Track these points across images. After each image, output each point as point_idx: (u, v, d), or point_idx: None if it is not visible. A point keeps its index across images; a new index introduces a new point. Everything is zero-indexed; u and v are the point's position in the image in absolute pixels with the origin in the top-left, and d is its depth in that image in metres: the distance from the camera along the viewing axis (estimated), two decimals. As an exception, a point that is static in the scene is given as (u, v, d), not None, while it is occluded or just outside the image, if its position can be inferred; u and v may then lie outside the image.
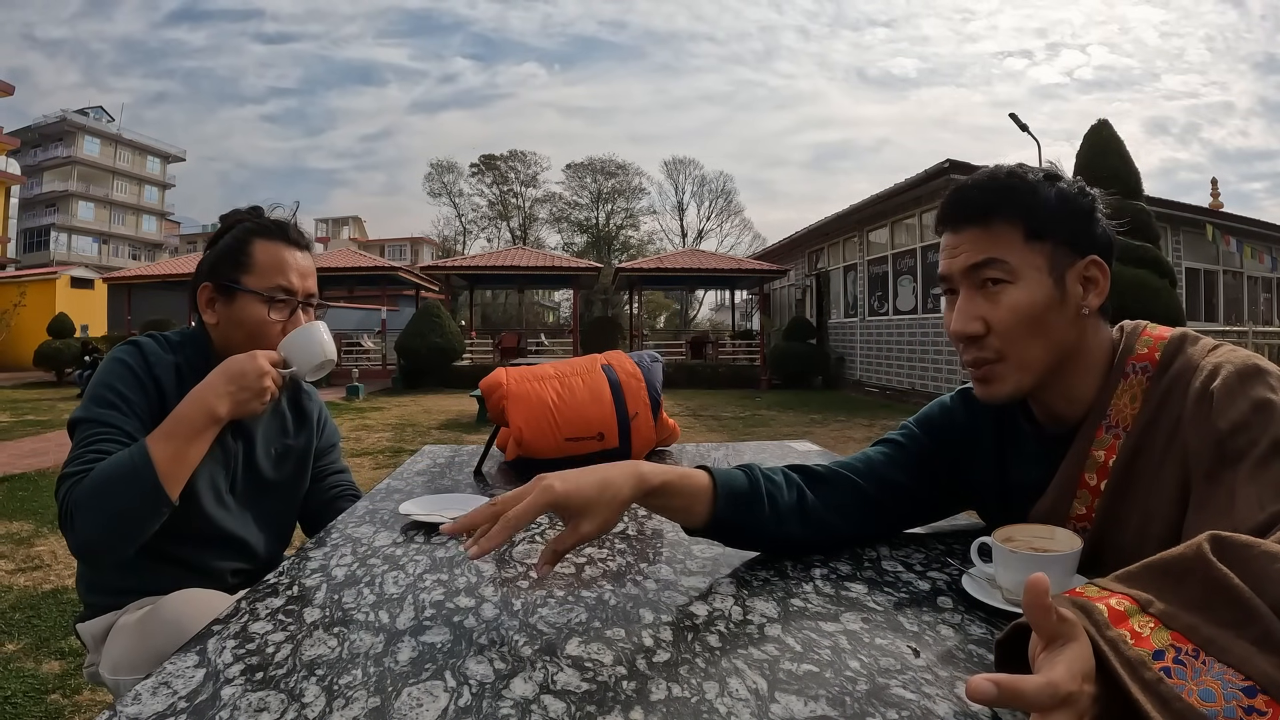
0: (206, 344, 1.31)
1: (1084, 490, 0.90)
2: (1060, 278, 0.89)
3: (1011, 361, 0.90)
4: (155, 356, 1.24)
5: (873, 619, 0.79)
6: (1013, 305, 0.88)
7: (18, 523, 4.29)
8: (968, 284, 0.91)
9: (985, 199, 0.90)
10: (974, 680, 0.45)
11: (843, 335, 16.32)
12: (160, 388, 1.23)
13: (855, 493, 1.03)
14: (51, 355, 16.37)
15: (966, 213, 0.92)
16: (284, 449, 1.42)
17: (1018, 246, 0.88)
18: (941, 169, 11.46)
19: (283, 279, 1.30)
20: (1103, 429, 0.90)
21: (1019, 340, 0.89)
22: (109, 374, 1.21)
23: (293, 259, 1.32)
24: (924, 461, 1.06)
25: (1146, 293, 7.74)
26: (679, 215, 46.49)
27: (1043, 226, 0.88)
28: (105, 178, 46.09)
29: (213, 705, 0.61)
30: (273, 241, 1.31)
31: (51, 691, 2.28)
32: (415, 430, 8.78)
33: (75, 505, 1.08)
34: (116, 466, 1.10)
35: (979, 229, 0.90)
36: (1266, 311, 15.48)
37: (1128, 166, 8.78)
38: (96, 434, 1.15)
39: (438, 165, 46.66)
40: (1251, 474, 0.72)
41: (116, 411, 1.18)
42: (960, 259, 0.92)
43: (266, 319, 1.28)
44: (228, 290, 1.29)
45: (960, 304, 0.92)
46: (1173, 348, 0.89)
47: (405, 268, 21.45)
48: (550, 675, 0.66)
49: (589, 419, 1.50)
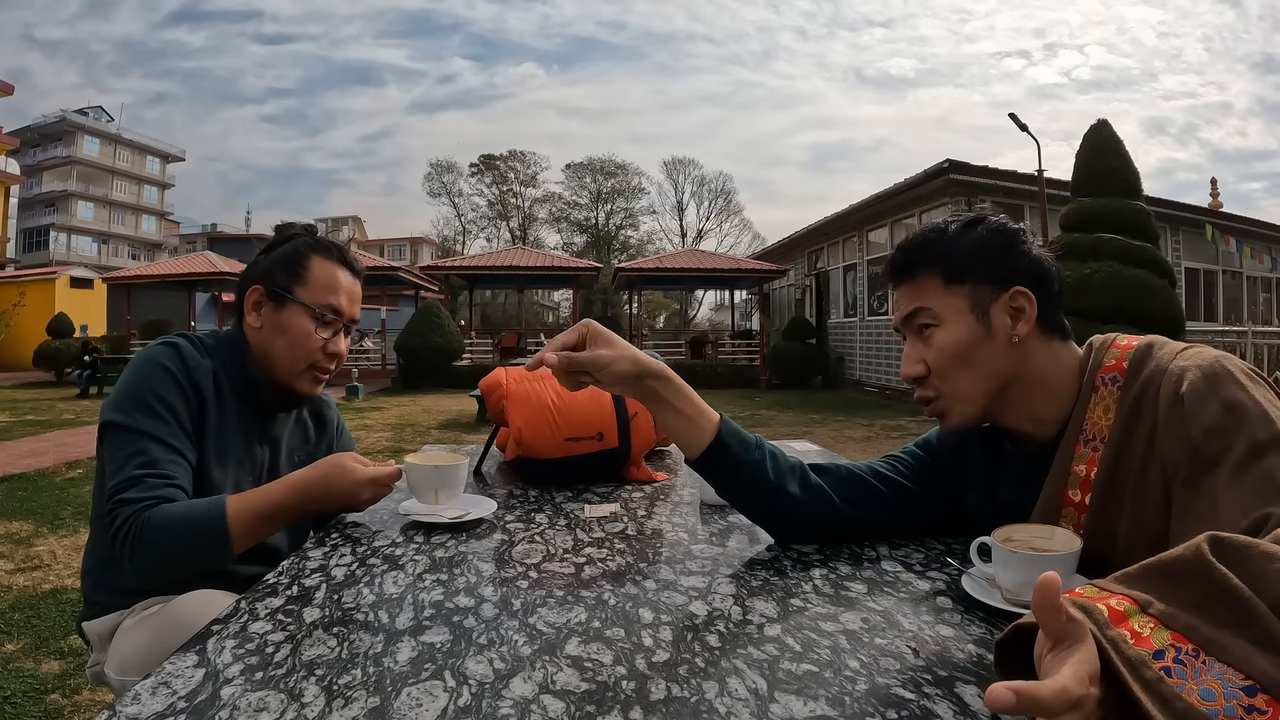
0: (243, 348, 1.31)
1: (1069, 508, 0.92)
2: (984, 313, 0.95)
3: (949, 396, 0.98)
4: (194, 360, 1.24)
5: (872, 619, 0.79)
6: (940, 345, 0.96)
7: (17, 523, 4.29)
8: (910, 333, 1.01)
9: (907, 257, 1.01)
10: (993, 689, 0.45)
11: (842, 335, 16.33)
12: (200, 394, 1.23)
13: (855, 480, 1.09)
14: (51, 355, 16.37)
15: (896, 271, 1.02)
16: (306, 455, 1.44)
17: (939, 292, 0.97)
18: (941, 169, 11.47)
19: (335, 299, 1.31)
20: (1080, 444, 0.91)
21: (952, 376, 0.97)
22: (150, 378, 1.20)
23: (345, 282, 1.34)
24: (924, 475, 1.11)
25: (1146, 293, 7.74)
26: (678, 215, 46.55)
27: (959, 270, 0.96)
28: (105, 178, 46.07)
29: (212, 705, 0.61)
30: (331, 261, 1.33)
31: (51, 691, 2.28)
32: (415, 430, 8.78)
33: (139, 538, 1.09)
34: (194, 518, 1.11)
35: (909, 284, 1.00)
36: (1266, 311, 15.50)
37: (1127, 166, 8.78)
38: (147, 451, 1.15)
39: (437, 165, 46.72)
40: (1231, 478, 0.73)
41: (163, 423, 1.17)
42: (898, 313, 1.02)
43: (311, 333, 1.29)
44: (279, 297, 1.29)
45: (906, 350, 1.01)
46: (1139, 356, 0.91)
47: (405, 268, 21.44)
48: (550, 675, 0.66)
49: (589, 419, 1.50)
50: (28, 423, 9.14)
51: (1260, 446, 0.73)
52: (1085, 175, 8.76)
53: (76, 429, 8.49)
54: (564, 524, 1.18)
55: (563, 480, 1.49)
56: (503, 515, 1.23)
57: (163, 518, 1.09)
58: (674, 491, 1.43)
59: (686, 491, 1.43)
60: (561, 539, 1.10)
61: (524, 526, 1.17)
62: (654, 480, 1.52)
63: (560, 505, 1.31)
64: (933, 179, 11.75)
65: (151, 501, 1.11)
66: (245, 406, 1.31)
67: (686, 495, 1.39)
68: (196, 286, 20.13)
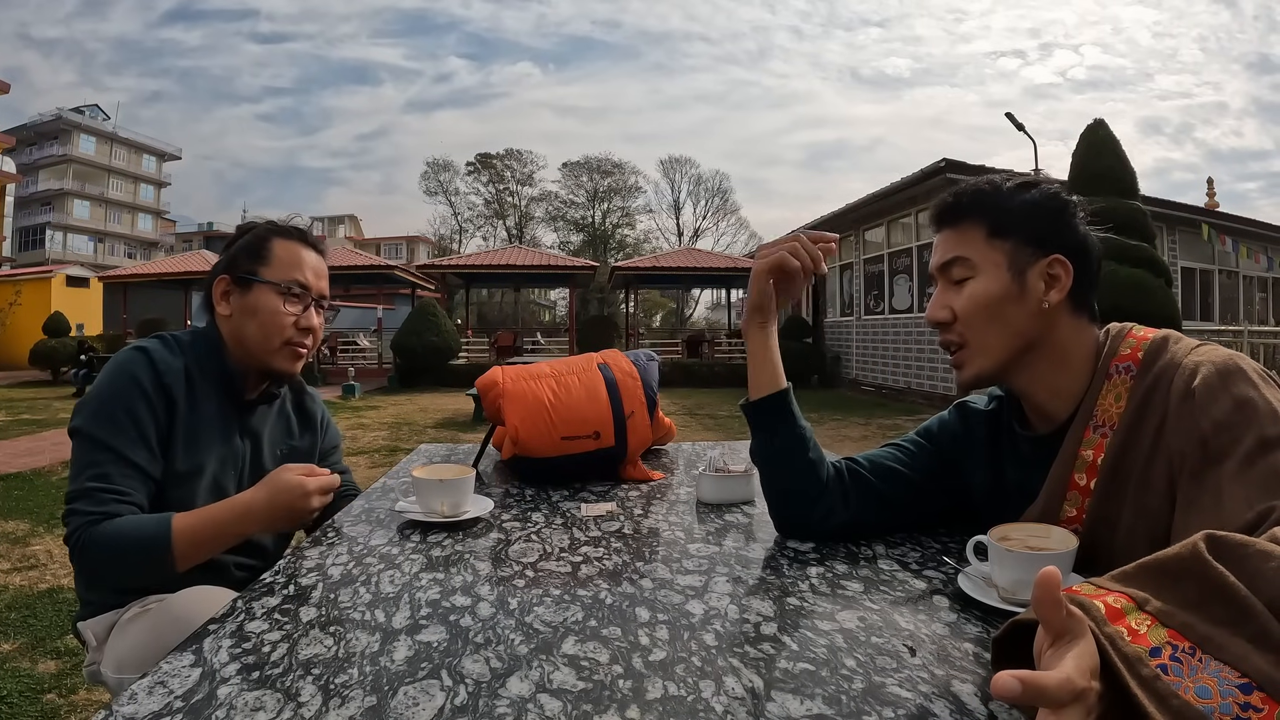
0: (218, 340, 1.33)
1: (1074, 492, 0.92)
2: (1020, 273, 0.95)
3: (972, 346, 0.99)
4: (164, 364, 1.25)
5: (869, 617, 0.79)
6: (971, 295, 0.98)
7: (13, 522, 4.27)
8: (943, 279, 1.02)
9: (956, 202, 1.01)
10: (999, 677, 0.45)
11: (839, 334, 16.33)
12: (170, 397, 1.24)
13: (861, 485, 1.09)
14: (47, 354, 16.33)
15: (941, 215, 1.03)
16: (289, 449, 1.45)
17: (980, 244, 0.98)
18: (938, 168, 11.46)
19: (299, 274, 1.34)
20: (1090, 429, 0.92)
21: (977, 327, 0.98)
22: (118, 388, 1.21)
23: (309, 258, 1.37)
24: (927, 462, 1.12)
25: (1142, 292, 7.76)
26: (675, 214, 46.52)
27: (1004, 226, 0.97)
28: (101, 176, 45.93)
29: (209, 704, 0.61)
30: (291, 241, 1.36)
31: (48, 691, 2.27)
32: (411, 429, 8.77)
33: (85, 550, 1.12)
34: (137, 537, 1.13)
35: (951, 230, 1.01)
36: (1262, 311, 15.53)
37: (1124, 166, 8.80)
38: (102, 464, 1.16)
39: (434, 164, 46.69)
40: (1238, 472, 0.74)
41: (123, 436, 1.18)
42: (935, 257, 1.03)
43: (280, 309, 1.31)
44: (244, 282, 1.32)
45: (935, 295, 1.03)
46: (1155, 347, 0.91)
47: (401, 266, 21.43)
48: (546, 674, 0.66)
49: (585, 418, 1.50)
50: (24, 422, 9.11)
51: (1268, 442, 0.74)
52: (1082, 175, 8.77)
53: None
54: (560, 523, 1.18)
55: (559, 479, 1.49)
56: (499, 514, 1.23)
57: (108, 534, 1.12)
58: (670, 490, 1.43)
59: (683, 490, 1.43)
60: (558, 538, 1.09)
61: (520, 525, 1.17)
62: (650, 479, 1.52)
63: (557, 504, 1.31)
64: (930, 178, 11.75)
65: (99, 516, 1.13)
66: (224, 401, 1.32)
67: (683, 494, 1.39)
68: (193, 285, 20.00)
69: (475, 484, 1.24)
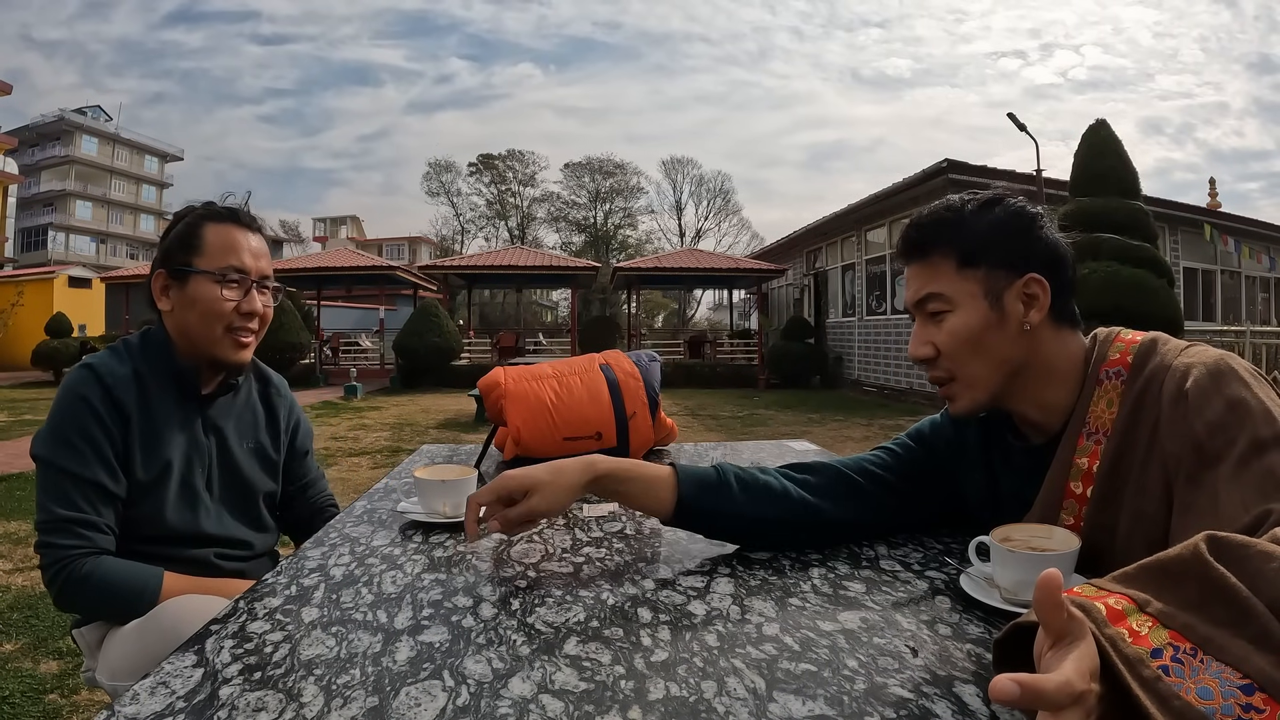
0: (165, 339, 1.31)
1: (1070, 500, 0.91)
2: (997, 299, 0.93)
3: (961, 379, 0.97)
4: (111, 376, 1.23)
5: (871, 618, 0.79)
6: (952, 330, 0.95)
7: (15, 522, 4.28)
8: (919, 314, 0.99)
9: (921, 236, 0.98)
10: (997, 681, 0.45)
11: (841, 335, 16.33)
12: (122, 410, 1.23)
13: (841, 479, 1.07)
14: (49, 355, 16.34)
15: (908, 250, 1.00)
16: (256, 444, 1.43)
17: (952, 276, 0.95)
18: (940, 169, 11.47)
19: (234, 259, 1.30)
20: (1083, 436, 0.91)
21: (963, 361, 0.95)
22: (69, 412, 1.21)
23: (245, 240, 1.32)
24: (915, 468, 1.10)
25: (1144, 293, 7.74)
26: (677, 215, 46.54)
27: (974, 254, 0.94)
28: (103, 177, 45.99)
29: (211, 705, 0.61)
30: (223, 224, 1.32)
31: (49, 691, 2.28)
32: (413, 430, 8.77)
33: (67, 587, 1.15)
34: (125, 591, 1.17)
35: (920, 263, 0.99)
36: (1264, 311, 15.52)
37: (1126, 166, 8.79)
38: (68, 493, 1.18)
39: (436, 164, 46.73)
40: (1233, 474, 0.73)
41: (81, 459, 1.19)
42: (909, 293, 1.00)
43: (219, 297, 1.28)
44: (180, 274, 1.29)
45: (915, 331, 1.00)
46: (1144, 350, 0.90)
47: (403, 267, 21.44)
48: (548, 675, 0.66)
49: (587, 418, 1.50)
50: (26, 422, 9.13)
51: (1262, 443, 0.73)
52: (1084, 175, 8.77)
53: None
54: (562, 523, 1.18)
55: (561, 480, 1.49)
56: (501, 515, 1.23)
57: (95, 580, 1.14)
58: (673, 491, 1.43)
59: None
60: (560, 538, 1.09)
61: (523, 526, 1.17)
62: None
63: (559, 505, 1.31)
64: (931, 179, 11.76)
65: (77, 551, 1.15)
66: (180, 398, 1.31)
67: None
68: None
69: (477, 485, 1.24)
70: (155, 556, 1.23)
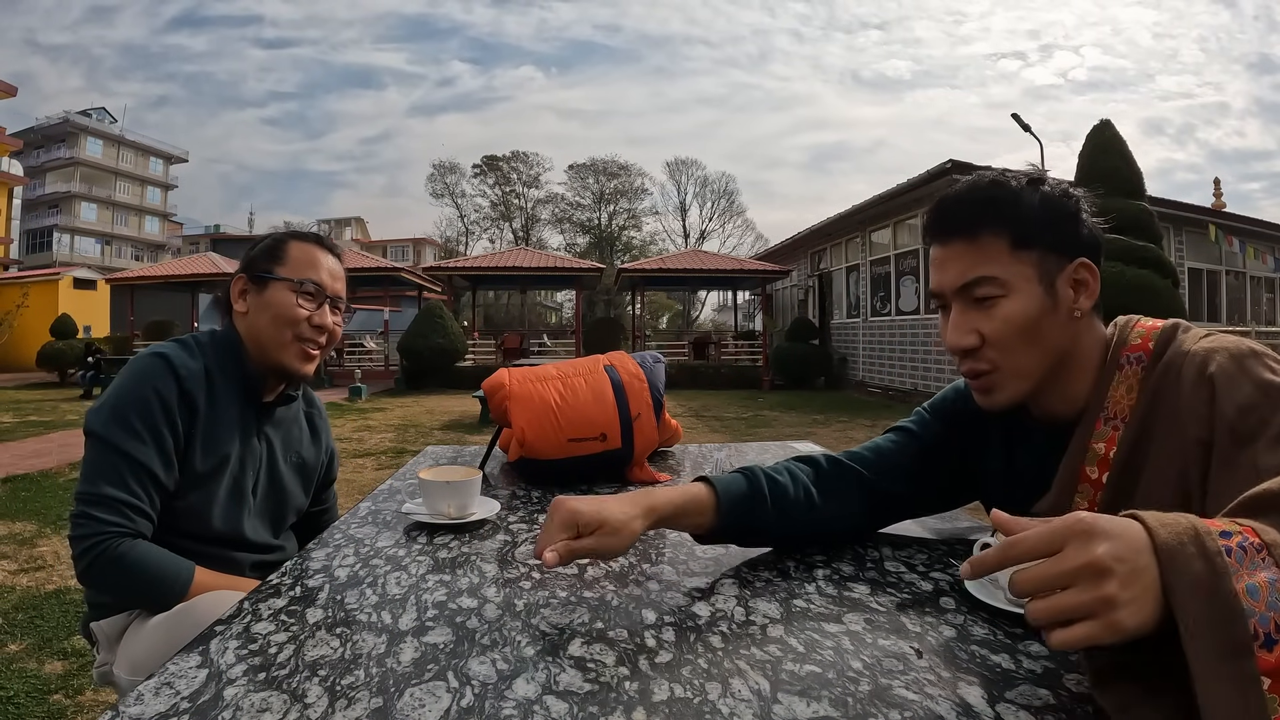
0: (236, 341, 1.35)
1: (1085, 484, 0.90)
2: (1051, 284, 0.89)
3: (1007, 370, 0.91)
4: (185, 369, 1.26)
5: (875, 620, 0.79)
6: (1006, 318, 0.89)
7: (20, 523, 4.29)
8: (961, 300, 0.92)
9: (969, 212, 0.90)
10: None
11: (845, 336, 16.31)
12: (191, 403, 1.25)
13: (860, 485, 1.06)
14: (54, 356, 16.41)
15: (952, 226, 0.92)
16: (299, 459, 1.48)
17: (1005, 258, 0.88)
18: (944, 169, 11.45)
19: (314, 273, 1.36)
20: (1101, 421, 0.90)
21: (1014, 350, 0.90)
22: (138, 396, 1.22)
23: (325, 260, 1.39)
24: (935, 448, 1.08)
25: (1149, 293, 7.72)
26: (681, 216, 46.54)
27: (1029, 235, 0.88)
28: (108, 179, 46.14)
29: (215, 705, 0.61)
30: (307, 244, 1.40)
31: (54, 692, 2.28)
32: (418, 431, 8.78)
33: (98, 563, 1.14)
34: (157, 576, 1.17)
35: (965, 243, 0.91)
36: (1269, 312, 15.46)
37: (1130, 167, 8.77)
38: (120, 472, 1.18)
39: (440, 166, 46.82)
40: (1270, 448, 0.71)
41: (141, 444, 1.19)
42: (950, 276, 0.92)
43: (294, 304, 1.33)
44: (260, 280, 1.34)
45: (954, 318, 0.93)
46: (1165, 336, 0.89)
47: (408, 268, 21.43)
48: (553, 676, 0.66)
49: (592, 419, 1.50)
50: (31, 423, 9.16)
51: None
52: (1087, 175, 8.73)
53: (80, 430, 8.48)
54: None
55: (566, 481, 1.49)
56: (506, 516, 1.23)
57: (129, 561, 1.14)
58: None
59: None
60: (564, 540, 1.09)
61: (527, 527, 1.17)
62: (657, 481, 1.52)
63: (563, 506, 1.31)
64: (936, 179, 11.73)
65: (118, 530, 1.15)
66: (243, 402, 1.34)
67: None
68: (200, 287, 20.10)
69: (482, 486, 1.24)
70: (188, 552, 1.24)
